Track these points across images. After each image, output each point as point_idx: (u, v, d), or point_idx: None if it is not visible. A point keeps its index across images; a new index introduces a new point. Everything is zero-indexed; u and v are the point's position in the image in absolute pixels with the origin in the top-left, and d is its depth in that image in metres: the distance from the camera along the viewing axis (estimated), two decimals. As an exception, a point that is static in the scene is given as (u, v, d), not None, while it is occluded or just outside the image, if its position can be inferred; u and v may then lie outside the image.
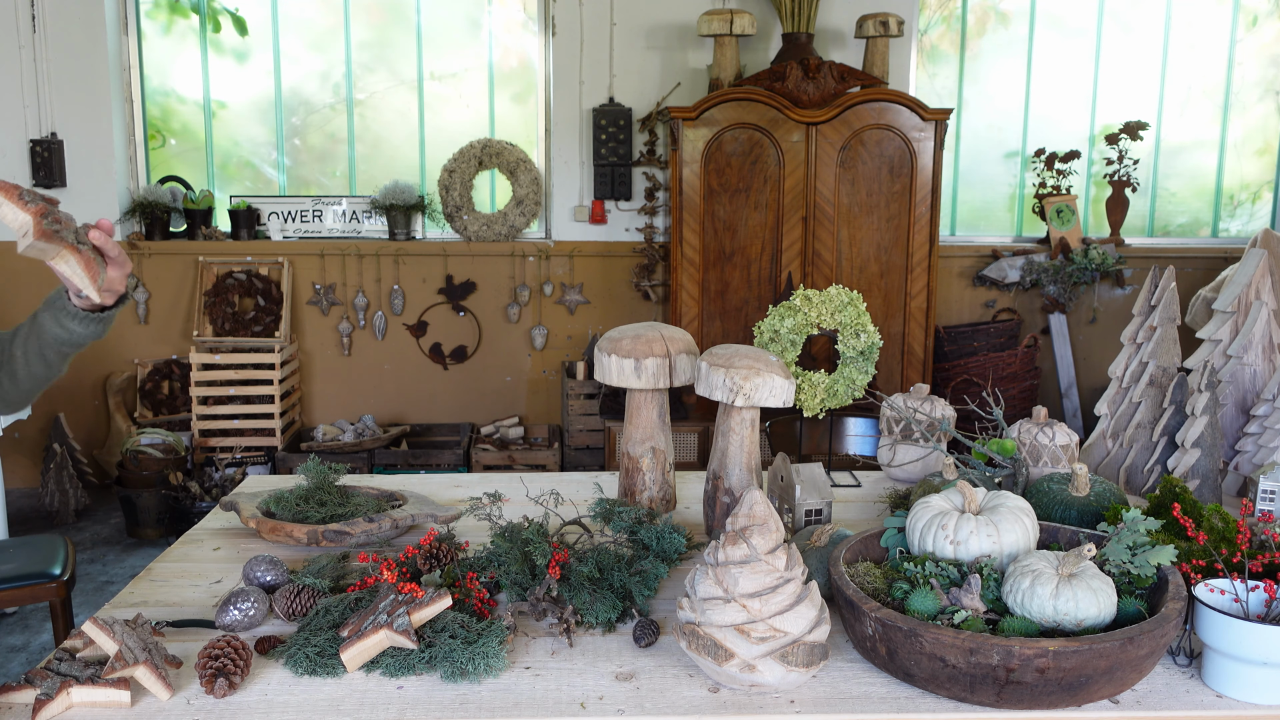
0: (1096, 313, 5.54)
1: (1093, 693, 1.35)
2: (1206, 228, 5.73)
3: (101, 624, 1.42)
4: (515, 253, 5.37)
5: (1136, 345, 2.38)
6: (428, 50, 5.41)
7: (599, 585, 1.65)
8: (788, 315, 2.17)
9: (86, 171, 5.16)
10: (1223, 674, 1.42)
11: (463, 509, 2.14)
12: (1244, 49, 5.54)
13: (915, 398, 2.34)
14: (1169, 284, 2.32)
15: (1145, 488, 2.28)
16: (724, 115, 4.67)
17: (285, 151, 5.46)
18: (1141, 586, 1.48)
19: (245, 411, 5.03)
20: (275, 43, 5.35)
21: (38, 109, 5.10)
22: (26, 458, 5.34)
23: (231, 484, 4.76)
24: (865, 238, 4.81)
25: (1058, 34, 5.52)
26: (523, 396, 5.54)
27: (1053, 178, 5.35)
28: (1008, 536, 1.51)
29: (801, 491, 1.96)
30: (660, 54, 5.24)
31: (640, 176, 5.32)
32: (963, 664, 1.32)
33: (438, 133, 5.46)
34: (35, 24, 5.03)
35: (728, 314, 4.86)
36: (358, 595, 1.62)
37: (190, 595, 1.75)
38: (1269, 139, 5.62)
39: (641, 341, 2.06)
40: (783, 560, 1.42)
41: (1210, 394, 2.12)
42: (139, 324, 5.30)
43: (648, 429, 2.10)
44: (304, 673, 1.45)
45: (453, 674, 1.44)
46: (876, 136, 4.73)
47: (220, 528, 2.12)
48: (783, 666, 1.37)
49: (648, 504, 2.11)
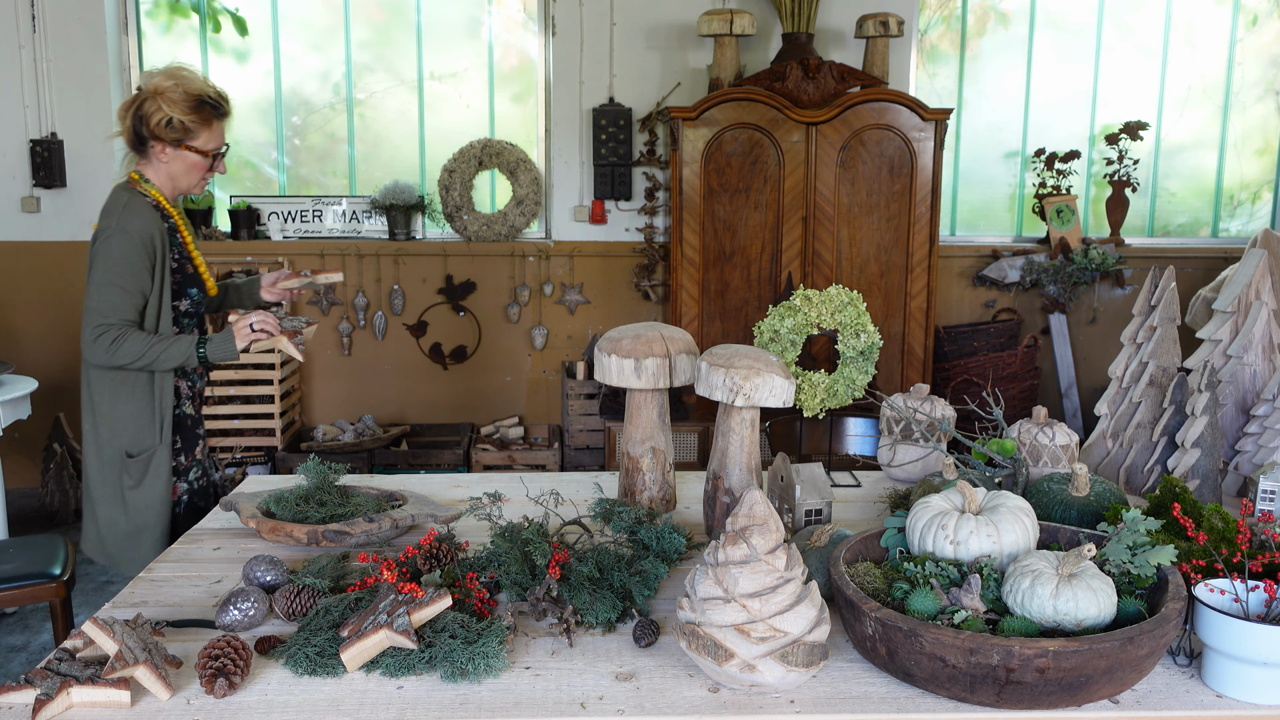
0: (1096, 313, 5.54)
1: (1093, 693, 1.35)
2: (1206, 228, 5.73)
3: (101, 624, 1.42)
4: (515, 253, 5.37)
5: (1136, 345, 2.38)
6: (428, 50, 5.41)
7: (599, 585, 1.65)
8: (788, 315, 2.17)
9: (86, 171, 5.16)
10: (1223, 674, 1.42)
11: (463, 509, 2.14)
12: (1244, 49, 5.54)
13: (915, 398, 2.34)
14: (1169, 284, 2.32)
15: (1145, 488, 2.28)
16: (724, 115, 4.67)
17: (285, 151, 5.46)
18: (1141, 586, 1.48)
19: (245, 411, 5.02)
20: (275, 43, 5.35)
21: (38, 109, 5.10)
22: (26, 458, 5.34)
23: (231, 484, 4.77)
24: (865, 238, 4.81)
25: (1058, 34, 5.52)
26: (523, 396, 5.54)
27: (1053, 178, 5.35)
28: (1008, 536, 1.51)
29: (801, 491, 1.96)
30: (660, 54, 5.24)
31: (640, 176, 5.32)
32: (963, 664, 1.32)
33: (438, 133, 5.46)
34: (35, 24, 5.03)
35: (728, 314, 4.86)
36: (358, 595, 1.62)
37: (190, 595, 1.75)
38: (1269, 139, 5.62)
39: (641, 341, 2.06)
40: (783, 560, 1.42)
41: (1210, 394, 2.12)
42: (139, 324, 5.30)
43: (648, 429, 2.10)
44: (304, 673, 1.46)
45: (453, 674, 1.44)
46: (876, 136, 4.73)
47: (220, 528, 2.12)
48: (783, 666, 1.37)
49: (648, 504, 2.11)
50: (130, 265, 2.33)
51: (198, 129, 2.44)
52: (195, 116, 2.43)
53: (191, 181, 2.50)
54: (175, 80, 2.42)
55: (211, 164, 2.50)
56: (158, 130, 2.41)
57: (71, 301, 5.28)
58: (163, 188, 2.47)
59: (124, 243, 2.32)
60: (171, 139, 2.42)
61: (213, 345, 2.38)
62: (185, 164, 2.46)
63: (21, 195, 5.16)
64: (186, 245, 2.50)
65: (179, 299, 2.47)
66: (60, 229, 5.21)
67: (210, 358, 2.39)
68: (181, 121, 2.41)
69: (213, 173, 2.53)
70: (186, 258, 2.50)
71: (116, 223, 2.34)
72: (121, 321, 2.33)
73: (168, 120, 2.40)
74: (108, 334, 2.31)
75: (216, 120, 2.49)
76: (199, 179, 2.50)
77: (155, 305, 2.39)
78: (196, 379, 2.56)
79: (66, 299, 5.27)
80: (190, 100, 2.42)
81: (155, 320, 2.40)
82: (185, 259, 2.49)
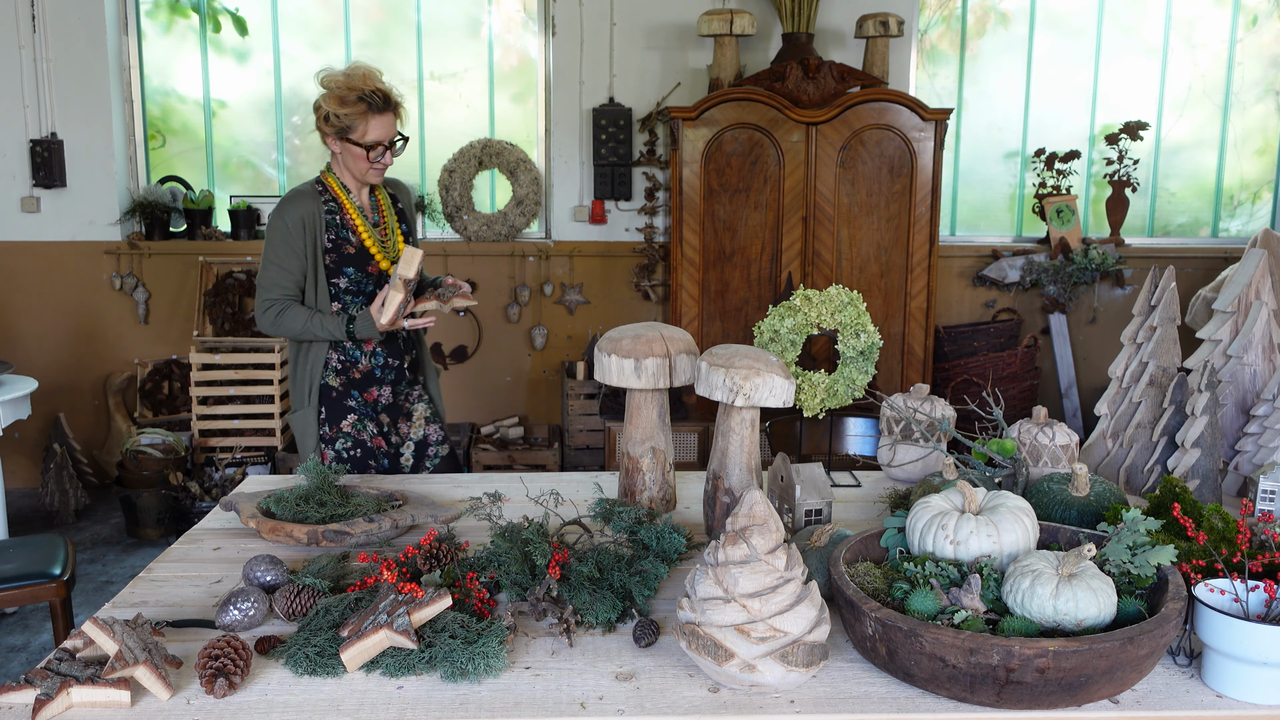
0: (1096, 313, 5.54)
1: (1093, 693, 1.35)
2: (1206, 228, 5.73)
3: (101, 624, 1.42)
4: (515, 253, 5.37)
5: (1136, 345, 2.38)
6: (428, 50, 5.41)
7: (599, 585, 1.65)
8: (788, 315, 2.17)
9: (86, 171, 5.16)
10: (1223, 674, 1.42)
11: (463, 509, 2.14)
12: (1244, 49, 5.54)
13: (915, 398, 2.34)
14: (1169, 284, 2.32)
15: (1145, 488, 2.28)
16: (724, 115, 4.67)
17: (285, 151, 5.46)
18: (1141, 586, 1.48)
19: (245, 411, 5.03)
20: (275, 43, 5.35)
21: (38, 109, 5.10)
22: (26, 458, 5.34)
23: (231, 484, 4.77)
24: (865, 238, 4.81)
25: (1058, 34, 5.52)
26: (523, 396, 5.54)
27: (1053, 178, 5.35)
28: (1008, 536, 1.51)
29: (801, 491, 1.96)
30: (660, 54, 5.24)
31: (640, 176, 5.32)
32: (963, 664, 1.32)
33: (438, 133, 5.46)
34: (35, 24, 5.03)
35: (728, 314, 4.86)
36: (358, 595, 1.62)
37: (190, 595, 1.75)
38: (1269, 139, 5.62)
39: (641, 341, 2.06)
40: (783, 560, 1.42)
41: (1210, 394, 2.12)
42: (139, 324, 5.30)
43: (648, 429, 2.10)
44: (304, 673, 1.46)
45: (453, 674, 1.44)
46: (876, 136, 4.73)
47: (220, 528, 2.12)
48: (783, 666, 1.37)
49: (648, 504, 2.11)
50: (285, 246, 2.62)
51: (355, 122, 2.60)
52: (350, 110, 2.59)
53: (360, 171, 2.67)
54: (344, 77, 2.60)
55: (368, 155, 2.63)
56: (321, 124, 2.64)
57: (72, 301, 5.28)
58: (342, 175, 2.71)
59: (278, 227, 2.63)
60: (334, 131, 2.62)
61: (359, 323, 2.61)
62: (350, 155, 2.65)
63: (21, 195, 5.16)
64: (355, 228, 2.68)
65: (336, 276, 2.67)
66: (60, 229, 5.21)
67: (358, 333, 2.63)
68: (338, 116, 2.59)
69: (377, 164, 2.66)
70: (346, 239, 2.67)
71: (276, 209, 2.66)
72: (283, 296, 2.64)
73: (327, 115, 2.61)
74: (273, 308, 2.63)
75: (375, 115, 2.61)
76: (366, 168, 2.66)
77: (311, 281, 2.66)
78: (358, 353, 2.72)
79: (66, 299, 5.27)
80: (347, 96, 2.59)
81: (314, 295, 2.67)
82: (344, 240, 2.67)
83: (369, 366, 2.75)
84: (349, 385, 2.74)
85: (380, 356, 2.75)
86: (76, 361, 5.33)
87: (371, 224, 2.74)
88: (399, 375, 2.80)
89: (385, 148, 2.65)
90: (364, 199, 2.75)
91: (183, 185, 5.39)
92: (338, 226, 2.68)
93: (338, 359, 2.72)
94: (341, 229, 2.68)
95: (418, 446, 2.84)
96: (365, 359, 2.74)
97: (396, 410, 2.83)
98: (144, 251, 5.23)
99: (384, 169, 2.69)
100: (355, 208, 2.70)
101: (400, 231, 2.79)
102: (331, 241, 2.66)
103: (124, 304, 5.29)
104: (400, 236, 2.78)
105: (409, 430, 2.85)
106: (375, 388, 2.77)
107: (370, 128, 2.60)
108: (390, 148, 2.66)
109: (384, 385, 2.77)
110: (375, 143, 2.62)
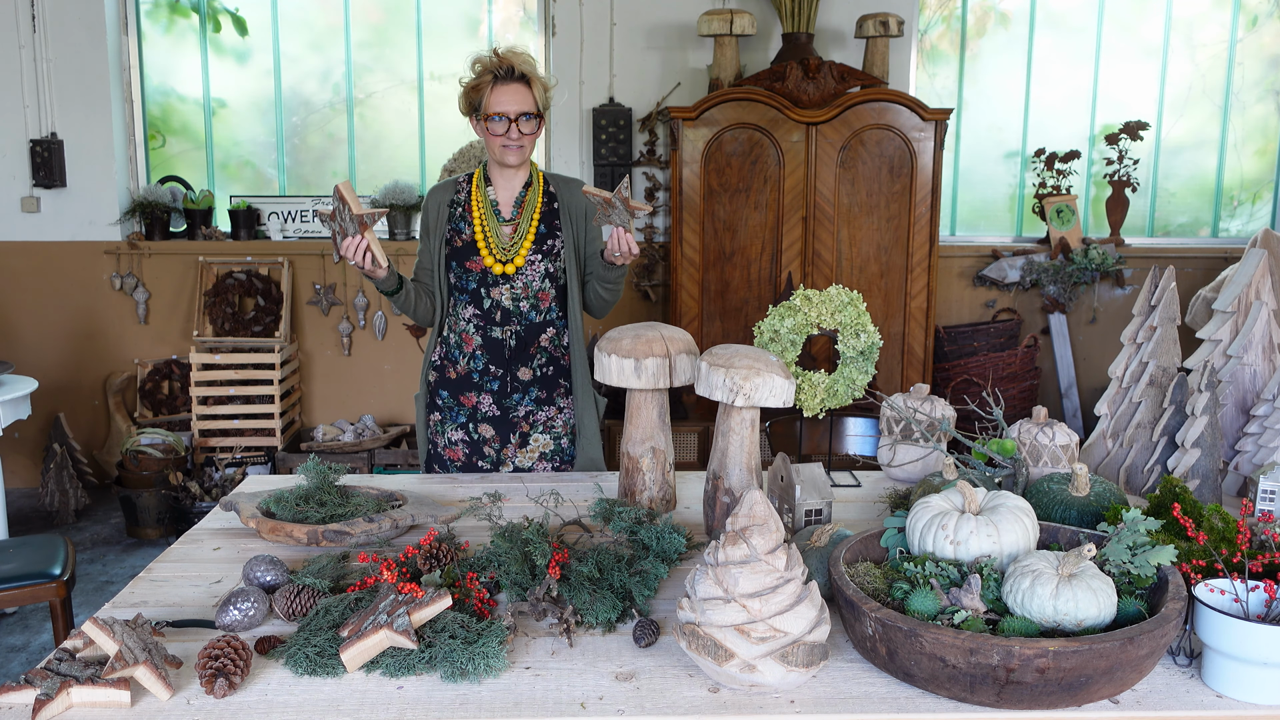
0: (1096, 313, 5.54)
1: (1093, 693, 1.35)
2: (1206, 228, 5.73)
3: (101, 624, 1.42)
4: (515, 253, 5.36)
5: (1136, 345, 2.38)
6: (428, 50, 5.41)
7: (599, 585, 1.65)
8: (788, 315, 2.17)
9: (87, 171, 5.16)
10: (1223, 674, 1.42)
11: (462, 509, 2.14)
12: (1244, 49, 5.54)
13: (915, 398, 2.34)
14: (1169, 284, 2.32)
15: (1145, 488, 2.28)
16: (724, 115, 4.67)
17: (285, 151, 5.46)
18: (1141, 586, 1.48)
19: (245, 411, 5.03)
20: (275, 43, 5.35)
21: (38, 109, 5.10)
22: (26, 458, 5.34)
23: (231, 484, 4.77)
24: (865, 238, 4.81)
25: (1058, 34, 5.52)
26: (523, 396, 5.53)
27: (1053, 178, 5.35)
28: (1008, 536, 1.51)
29: (801, 491, 1.96)
30: (660, 54, 5.24)
31: (640, 176, 5.32)
32: (963, 664, 1.32)
33: (438, 133, 5.46)
34: (35, 24, 5.03)
35: (728, 314, 4.86)
36: (358, 595, 1.62)
37: (190, 595, 1.75)
38: (1269, 139, 5.62)
39: (641, 341, 2.06)
40: (783, 560, 1.42)
41: (1210, 394, 2.12)
42: (139, 324, 5.30)
43: (648, 429, 2.10)
44: (304, 673, 1.45)
45: (453, 674, 1.44)
46: (876, 136, 4.73)
47: (220, 528, 2.12)
48: (783, 666, 1.37)
49: (648, 504, 2.11)
50: (422, 231, 2.64)
51: (477, 96, 2.52)
52: (477, 81, 2.51)
53: (495, 150, 2.55)
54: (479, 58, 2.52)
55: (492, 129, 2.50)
56: (461, 105, 2.58)
57: (71, 301, 5.28)
58: (490, 167, 2.63)
59: (423, 214, 2.64)
60: (468, 109, 2.56)
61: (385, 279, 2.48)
62: (485, 135, 2.56)
63: (21, 195, 5.16)
64: (471, 221, 2.60)
65: (450, 269, 2.62)
66: (60, 229, 5.21)
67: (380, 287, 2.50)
68: (469, 91, 2.53)
69: (504, 139, 2.50)
70: (459, 231, 2.60)
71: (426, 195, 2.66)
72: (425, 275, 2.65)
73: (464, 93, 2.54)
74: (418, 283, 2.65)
75: (500, 84, 2.49)
76: (499, 147, 2.53)
77: (434, 269, 2.63)
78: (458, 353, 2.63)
79: (66, 299, 5.27)
80: (474, 67, 2.52)
81: (434, 285, 2.64)
82: (458, 233, 2.61)
83: (466, 370, 2.62)
84: (440, 383, 2.66)
85: (479, 361, 2.61)
86: (76, 361, 5.33)
87: (500, 219, 2.59)
88: (503, 387, 2.61)
89: (511, 121, 2.48)
90: (506, 194, 2.60)
91: (183, 185, 5.39)
92: (457, 219, 2.59)
93: (439, 354, 2.66)
94: (460, 221, 2.59)
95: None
96: (464, 360, 2.62)
97: (506, 427, 2.62)
98: (144, 251, 5.23)
99: (519, 148, 2.52)
100: (481, 201, 2.57)
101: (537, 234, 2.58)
102: (450, 233, 2.59)
103: (124, 304, 5.29)
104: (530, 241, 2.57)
105: (514, 455, 2.63)
106: (474, 394, 2.62)
107: (494, 99, 2.47)
108: (515, 122, 2.48)
109: (483, 393, 2.62)
110: (499, 114, 2.47)
